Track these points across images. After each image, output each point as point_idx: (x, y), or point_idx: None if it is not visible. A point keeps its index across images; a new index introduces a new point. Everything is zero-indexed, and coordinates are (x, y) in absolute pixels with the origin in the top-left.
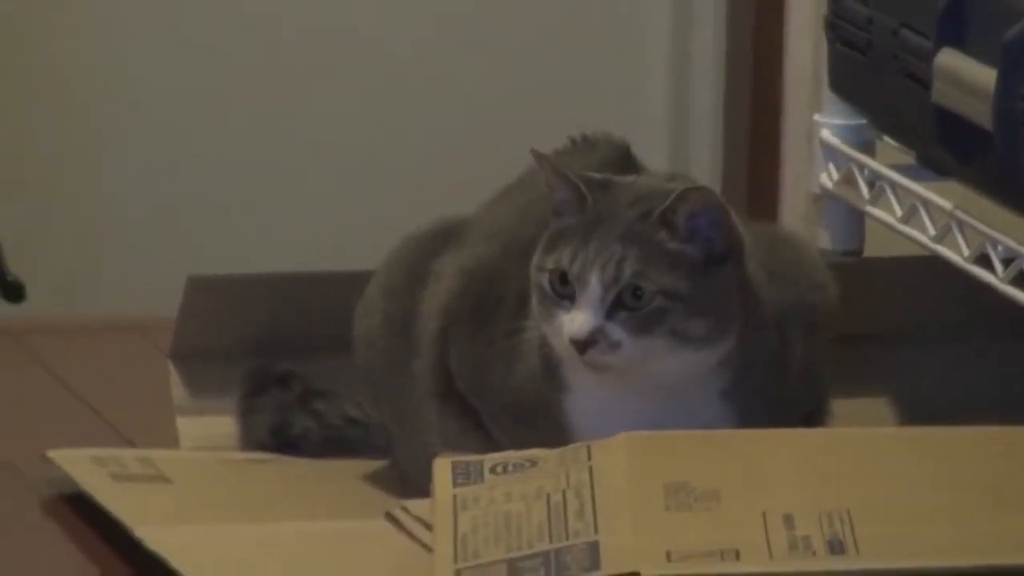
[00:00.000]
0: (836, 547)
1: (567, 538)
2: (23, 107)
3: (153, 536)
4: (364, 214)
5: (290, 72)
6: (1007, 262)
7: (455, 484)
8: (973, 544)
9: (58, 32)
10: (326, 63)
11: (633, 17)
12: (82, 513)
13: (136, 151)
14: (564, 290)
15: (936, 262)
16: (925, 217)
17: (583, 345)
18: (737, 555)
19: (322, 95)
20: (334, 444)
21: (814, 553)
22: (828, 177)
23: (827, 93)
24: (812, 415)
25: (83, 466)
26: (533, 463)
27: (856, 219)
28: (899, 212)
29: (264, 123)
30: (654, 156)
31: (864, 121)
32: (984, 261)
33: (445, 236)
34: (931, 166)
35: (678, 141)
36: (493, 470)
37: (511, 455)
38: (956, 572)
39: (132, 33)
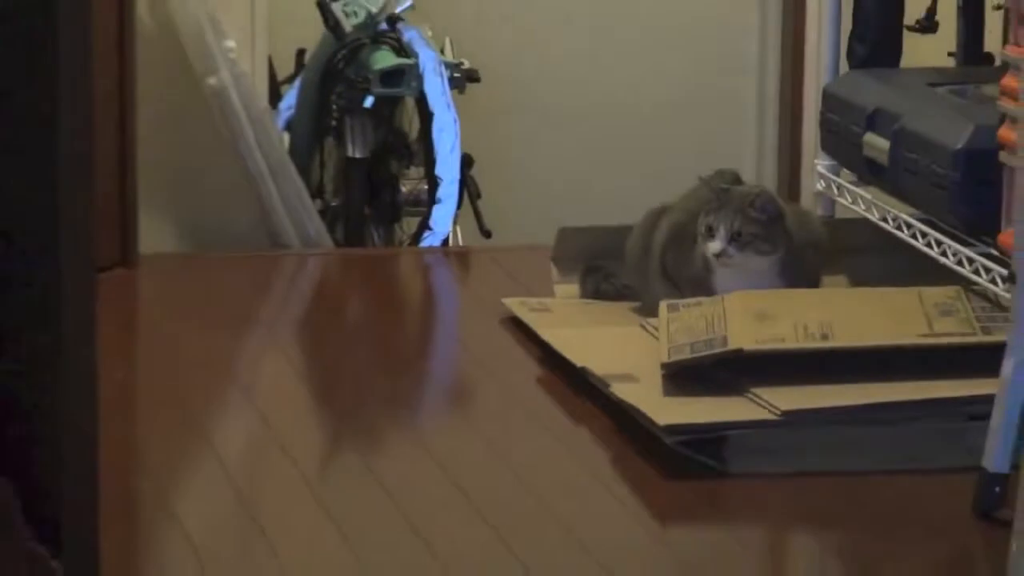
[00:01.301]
0: (825, 337)
1: (714, 333)
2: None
3: (545, 334)
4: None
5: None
6: (894, 218)
7: (668, 312)
8: (895, 335)
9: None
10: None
11: (735, 110)
12: (515, 325)
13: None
14: (709, 233)
15: (865, 221)
16: (860, 201)
17: (717, 255)
18: (783, 340)
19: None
20: (619, 296)
21: (815, 338)
22: (820, 185)
23: (820, 151)
24: (813, 285)
25: (516, 305)
26: (699, 303)
27: (831, 203)
28: (848, 200)
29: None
30: (747, 176)
31: (835, 162)
32: (884, 220)
33: (661, 210)
34: (863, 180)
35: (759, 171)
36: (684, 306)
37: (690, 300)
38: (883, 348)
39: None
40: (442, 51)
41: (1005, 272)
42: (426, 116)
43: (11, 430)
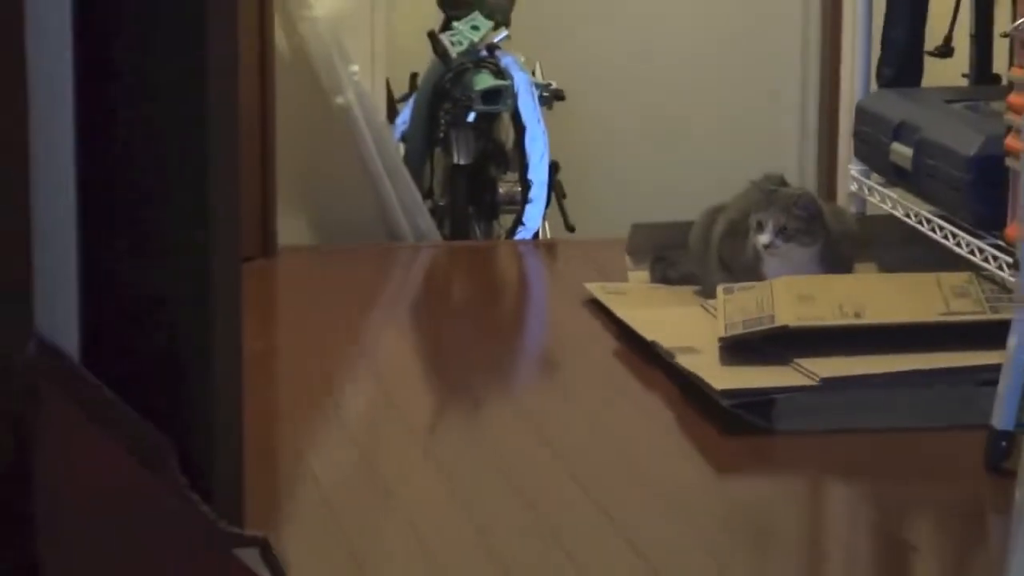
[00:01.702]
0: (858, 315)
1: (763, 312)
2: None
3: (621, 313)
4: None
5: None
6: (916, 215)
7: (724, 294)
8: (917, 313)
9: None
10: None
11: (782, 125)
12: (595, 306)
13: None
14: (759, 228)
15: (892, 217)
16: (887, 200)
17: (766, 246)
18: (822, 318)
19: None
20: (683, 281)
21: (849, 317)
22: (853, 187)
23: (853, 158)
24: (847, 272)
25: (596, 289)
26: (751, 287)
27: (862, 202)
28: (878, 199)
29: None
30: (792, 179)
31: (866, 167)
32: (908, 216)
33: (718, 208)
34: (890, 183)
35: (801, 175)
36: (738, 289)
37: (744, 284)
38: (907, 324)
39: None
40: (533, 74)
41: (1010, 260)
42: (520, 129)
43: (170, 389)
